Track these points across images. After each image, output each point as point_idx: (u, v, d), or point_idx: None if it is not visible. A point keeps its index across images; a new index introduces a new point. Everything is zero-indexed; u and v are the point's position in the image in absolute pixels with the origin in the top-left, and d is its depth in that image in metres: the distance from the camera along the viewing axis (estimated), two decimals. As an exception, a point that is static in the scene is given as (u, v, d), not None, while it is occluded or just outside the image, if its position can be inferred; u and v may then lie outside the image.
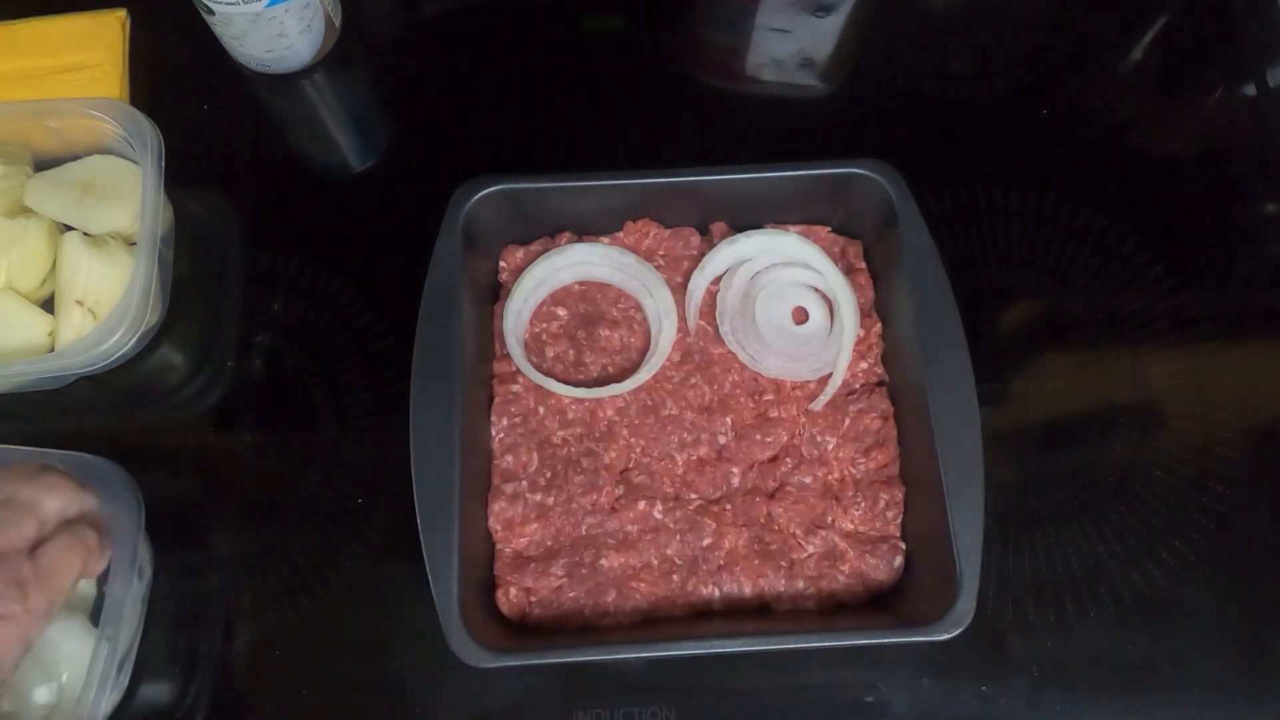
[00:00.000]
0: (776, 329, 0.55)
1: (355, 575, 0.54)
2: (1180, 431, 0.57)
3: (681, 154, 0.64)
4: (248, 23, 0.60)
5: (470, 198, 0.54)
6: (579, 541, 0.52)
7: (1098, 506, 0.55)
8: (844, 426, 0.54)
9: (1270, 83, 0.66)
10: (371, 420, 0.57)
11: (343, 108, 0.66)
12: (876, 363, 0.55)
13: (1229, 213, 0.63)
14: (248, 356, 0.59)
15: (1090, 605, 0.53)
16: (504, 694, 0.51)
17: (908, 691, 0.52)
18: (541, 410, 0.54)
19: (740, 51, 0.67)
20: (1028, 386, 0.58)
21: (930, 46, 0.67)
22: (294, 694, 0.52)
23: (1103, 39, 0.68)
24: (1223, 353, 0.59)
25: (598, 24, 0.68)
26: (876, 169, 0.54)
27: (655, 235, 0.57)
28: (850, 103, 0.66)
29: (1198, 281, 0.60)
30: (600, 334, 0.56)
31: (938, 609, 0.47)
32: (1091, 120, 0.65)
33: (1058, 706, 0.51)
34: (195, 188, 0.62)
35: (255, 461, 0.57)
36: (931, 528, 0.50)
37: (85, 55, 0.63)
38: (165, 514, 0.55)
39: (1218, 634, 0.53)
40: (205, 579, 0.54)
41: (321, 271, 0.60)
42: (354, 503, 0.55)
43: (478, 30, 0.68)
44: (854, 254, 0.58)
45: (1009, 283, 0.60)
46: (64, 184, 0.58)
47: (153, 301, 0.54)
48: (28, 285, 0.56)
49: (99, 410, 0.56)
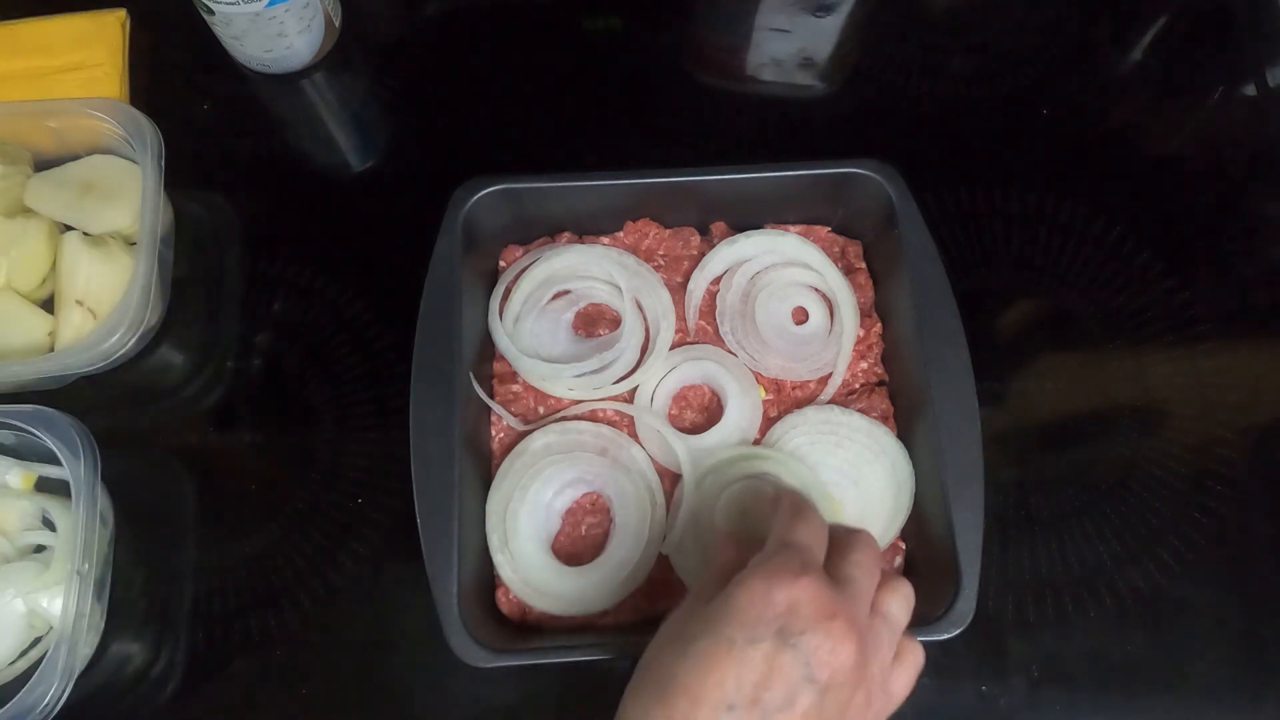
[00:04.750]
0: (776, 329, 0.55)
1: (355, 575, 0.54)
2: (1180, 431, 0.57)
3: (681, 154, 0.64)
4: (248, 23, 0.60)
5: (470, 198, 0.54)
6: (579, 541, 0.52)
7: (1098, 506, 0.55)
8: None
9: (1270, 83, 0.66)
10: (371, 420, 0.57)
11: (343, 108, 0.66)
12: (876, 363, 0.55)
13: (1229, 213, 0.63)
14: (248, 356, 0.59)
15: (1090, 605, 0.53)
16: (504, 694, 0.51)
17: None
18: (541, 410, 0.54)
19: (740, 51, 0.67)
20: (1028, 386, 0.58)
21: (930, 46, 0.67)
22: (294, 694, 0.52)
23: (1103, 39, 0.68)
24: (1223, 353, 0.59)
25: (598, 24, 0.68)
26: (876, 169, 0.54)
27: (655, 235, 0.57)
28: (850, 103, 0.66)
29: (1198, 281, 0.60)
30: (599, 334, 0.56)
31: (938, 609, 0.47)
32: (1091, 120, 0.65)
33: (1058, 706, 0.51)
34: (195, 188, 0.62)
35: (255, 461, 0.57)
36: (931, 528, 0.50)
37: (85, 55, 0.63)
38: (165, 514, 0.55)
39: (1218, 634, 0.53)
40: (205, 579, 0.54)
41: (321, 271, 0.60)
42: (354, 503, 0.55)
43: (478, 30, 0.68)
44: (854, 254, 0.58)
45: (1009, 283, 0.60)
46: (64, 184, 0.58)
47: (153, 301, 0.54)
48: (28, 285, 0.56)
49: (99, 410, 0.56)
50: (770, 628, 0.35)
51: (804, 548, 0.38)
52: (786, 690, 0.34)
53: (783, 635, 0.35)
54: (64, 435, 0.50)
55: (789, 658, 0.35)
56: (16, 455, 0.53)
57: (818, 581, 0.36)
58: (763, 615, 0.35)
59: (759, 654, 0.35)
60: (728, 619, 0.36)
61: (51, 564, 0.50)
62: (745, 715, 0.34)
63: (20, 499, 0.52)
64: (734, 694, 0.34)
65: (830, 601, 0.36)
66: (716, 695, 0.34)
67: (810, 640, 0.35)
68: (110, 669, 0.52)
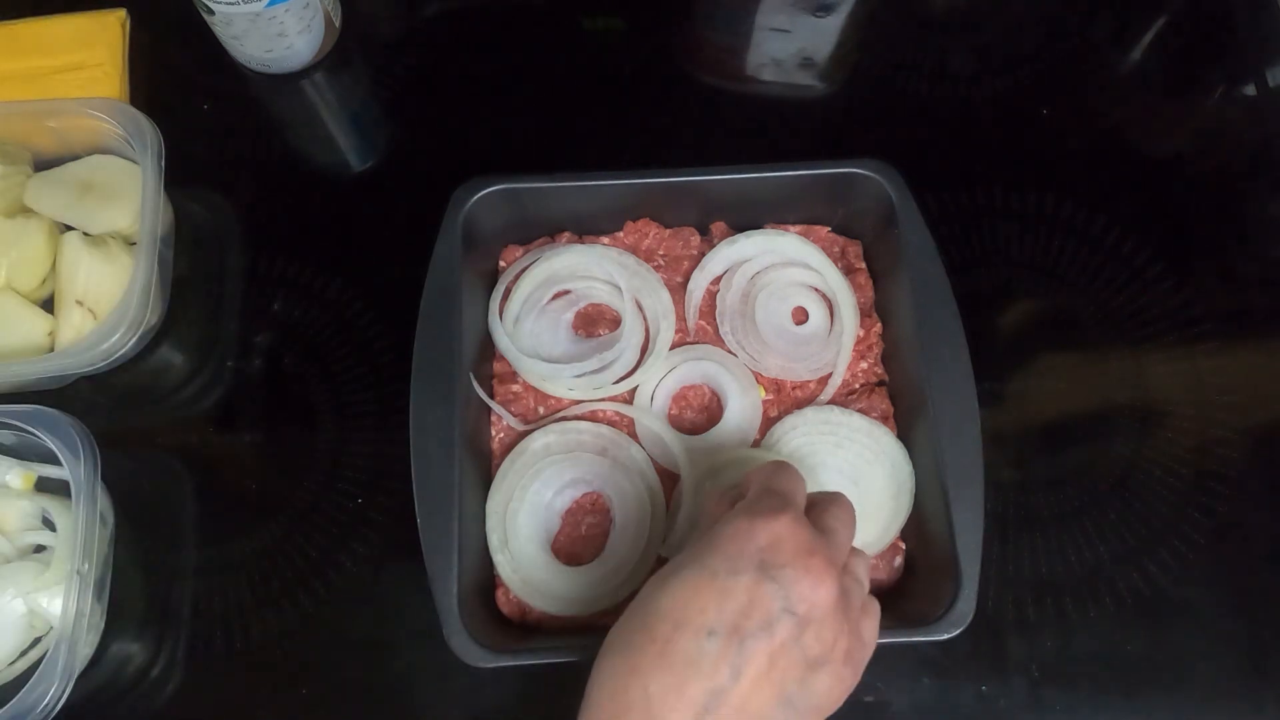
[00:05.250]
0: (776, 329, 0.55)
1: (355, 575, 0.54)
2: (1180, 431, 0.57)
3: (681, 154, 0.64)
4: (248, 23, 0.60)
5: (470, 198, 0.54)
6: (579, 541, 0.52)
7: (1098, 506, 0.55)
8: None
9: (1270, 83, 0.66)
10: (371, 420, 0.57)
11: (343, 108, 0.66)
12: (876, 363, 0.55)
13: (1229, 213, 0.63)
14: (248, 356, 0.59)
15: (1090, 605, 0.53)
16: (504, 694, 0.51)
17: (907, 691, 0.52)
18: (541, 410, 0.54)
19: (740, 51, 0.67)
20: (1028, 386, 0.58)
21: (930, 46, 0.67)
22: (294, 694, 0.52)
23: (1103, 39, 0.68)
24: (1223, 353, 0.59)
25: (598, 24, 0.68)
26: (876, 169, 0.54)
27: (655, 235, 0.57)
28: (850, 103, 0.66)
29: (1198, 281, 0.60)
30: (599, 334, 0.56)
31: (938, 609, 0.47)
32: (1091, 120, 0.65)
33: (1058, 706, 0.51)
34: (195, 188, 0.62)
35: (255, 461, 0.57)
36: (931, 528, 0.50)
37: (85, 55, 0.63)
38: (165, 514, 0.55)
39: (1218, 634, 0.53)
40: (205, 579, 0.54)
41: (321, 271, 0.60)
42: (354, 503, 0.55)
43: (478, 30, 0.68)
44: (854, 254, 0.58)
45: (1009, 283, 0.60)
46: (64, 184, 0.58)
47: (153, 301, 0.54)
48: (28, 285, 0.56)
49: (99, 410, 0.56)
50: (752, 560, 0.36)
51: (786, 492, 0.40)
52: (765, 619, 0.35)
53: (764, 568, 0.36)
54: (64, 435, 0.50)
55: (769, 589, 0.36)
56: (16, 455, 0.53)
57: (798, 520, 0.38)
58: (744, 549, 0.37)
59: (740, 585, 0.36)
60: (711, 552, 0.37)
61: (51, 564, 0.50)
62: (725, 641, 0.35)
63: (20, 499, 0.52)
64: (715, 620, 0.35)
65: (810, 540, 0.37)
66: (698, 621, 0.36)
67: (789, 574, 0.36)
68: (110, 669, 0.52)
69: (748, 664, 0.35)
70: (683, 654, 0.35)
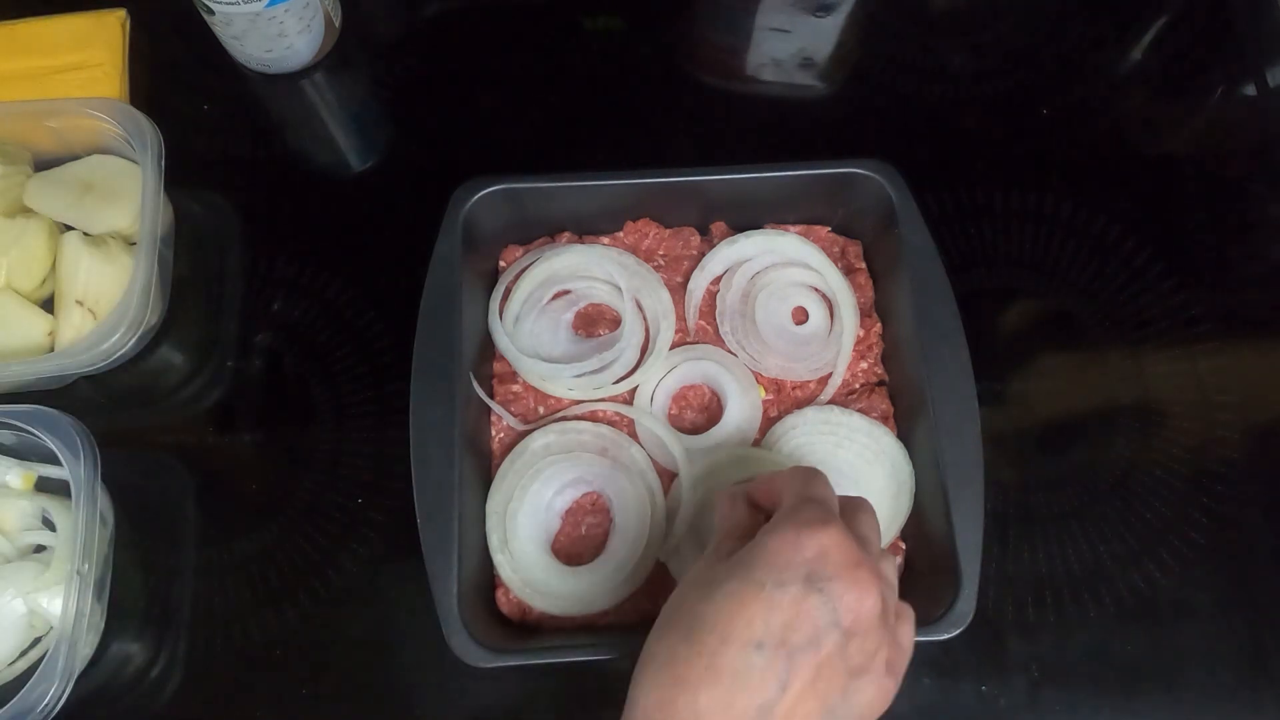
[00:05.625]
0: (776, 329, 0.55)
1: (355, 575, 0.54)
2: (1180, 431, 0.57)
3: (681, 154, 0.64)
4: (248, 23, 0.60)
5: (470, 198, 0.54)
6: (579, 541, 0.52)
7: (1098, 506, 0.55)
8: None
9: (1270, 83, 0.66)
10: (371, 420, 0.57)
11: (343, 108, 0.66)
12: (876, 363, 0.55)
13: (1229, 213, 0.63)
14: (248, 356, 0.59)
15: (1090, 605, 0.53)
16: (504, 694, 0.51)
17: (907, 691, 0.51)
18: (541, 410, 0.54)
19: (740, 51, 0.67)
20: (1028, 386, 0.58)
21: (930, 46, 0.67)
22: (294, 694, 0.52)
23: (1103, 39, 0.68)
24: (1223, 353, 0.59)
25: (598, 24, 0.68)
26: (876, 169, 0.54)
27: (655, 235, 0.57)
28: (850, 103, 0.66)
29: (1198, 281, 0.60)
30: (599, 334, 0.56)
31: (937, 609, 0.47)
32: (1091, 120, 0.65)
33: (1058, 706, 0.51)
34: (195, 188, 0.62)
35: (255, 461, 0.57)
36: (931, 527, 0.50)
37: (85, 55, 0.63)
38: (165, 514, 0.55)
39: (1218, 634, 0.53)
40: (205, 579, 0.54)
41: (321, 271, 0.60)
42: (354, 503, 0.55)
43: (478, 30, 0.68)
44: (854, 254, 0.58)
45: (1009, 283, 0.60)
46: (64, 184, 0.58)
47: (153, 301, 0.54)
48: (28, 285, 0.56)
49: (99, 410, 0.56)
50: (799, 572, 0.36)
51: (825, 500, 0.39)
52: (813, 632, 0.35)
53: (811, 580, 0.36)
54: (64, 435, 0.50)
55: (816, 601, 0.35)
56: (16, 455, 0.53)
57: (843, 531, 0.37)
58: (791, 560, 0.36)
59: (787, 597, 0.35)
60: (757, 563, 0.37)
61: (51, 564, 0.50)
62: (773, 654, 0.35)
63: (20, 499, 0.52)
64: (762, 633, 0.35)
65: (855, 551, 0.37)
66: (745, 634, 0.35)
67: (836, 586, 0.36)
68: (110, 669, 0.52)
69: (794, 677, 0.35)
70: (730, 667, 0.35)
